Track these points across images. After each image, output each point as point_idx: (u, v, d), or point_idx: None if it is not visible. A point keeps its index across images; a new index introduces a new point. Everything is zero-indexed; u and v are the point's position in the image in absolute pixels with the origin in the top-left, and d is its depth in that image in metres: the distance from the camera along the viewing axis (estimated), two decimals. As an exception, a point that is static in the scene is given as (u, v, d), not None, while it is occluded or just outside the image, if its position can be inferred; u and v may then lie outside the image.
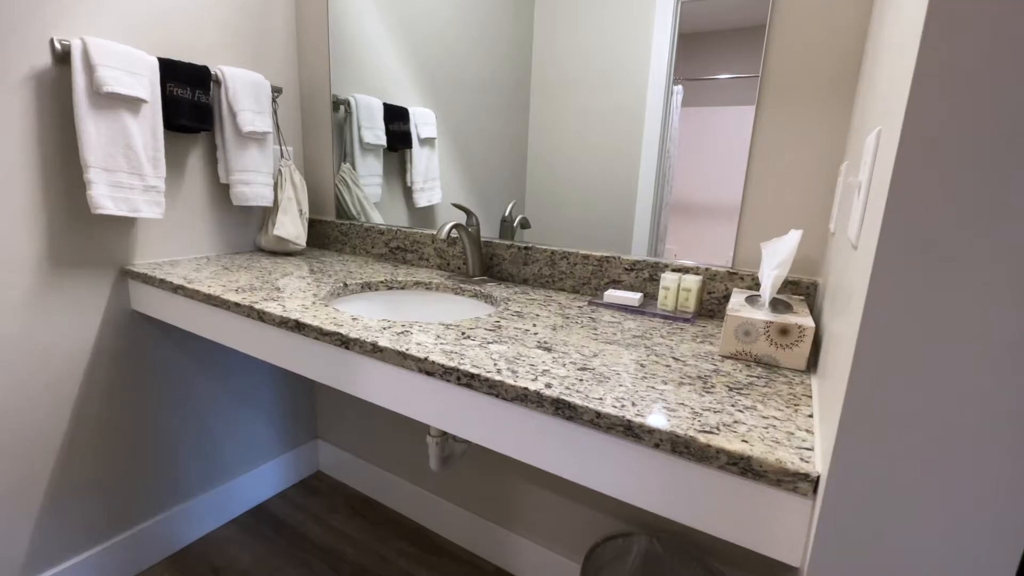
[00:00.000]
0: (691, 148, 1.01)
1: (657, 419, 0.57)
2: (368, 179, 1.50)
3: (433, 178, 1.38)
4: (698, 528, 0.56)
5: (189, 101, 1.21)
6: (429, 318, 1.19)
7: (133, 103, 1.10)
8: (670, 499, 0.57)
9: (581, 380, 0.66)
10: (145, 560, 1.36)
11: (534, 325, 0.89)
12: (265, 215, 1.48)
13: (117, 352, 1.24)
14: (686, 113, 1.00)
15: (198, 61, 1.29)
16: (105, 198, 1.08)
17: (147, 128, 1.14)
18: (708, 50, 0.96)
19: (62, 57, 1.06)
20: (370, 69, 1.41)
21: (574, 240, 1.17)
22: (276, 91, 1.42)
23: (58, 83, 1.06)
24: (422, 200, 1.42)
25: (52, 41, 1.04)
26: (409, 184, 1.42)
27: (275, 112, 1.43)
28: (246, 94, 1.30)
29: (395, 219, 1.46)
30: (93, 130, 1.06)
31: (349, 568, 1.42)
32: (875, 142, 0.49)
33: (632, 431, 0.57)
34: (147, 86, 1.12)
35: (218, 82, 1.28)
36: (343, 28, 1.44)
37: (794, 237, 0.82)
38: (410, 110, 1.38)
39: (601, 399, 0.61)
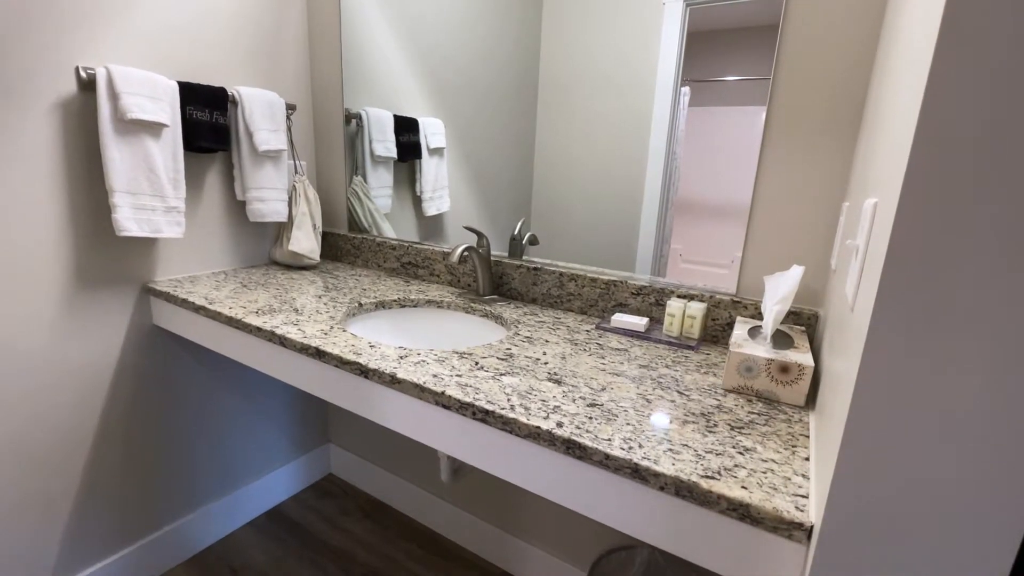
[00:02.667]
0: (697, 148, 1.02)
1: (662, 463, 0.60)
2: (379, 191, 1.53)
3: (442, 187, 1.41)
4: (699, 564, 0.60)
5: (208, 123, 1.24)
6: (442, 338, 1.23)
7: (155, 128, 1.14)
8: (673, 536, 0.61)
9: (590, 418, 0.70)
10: (167, 562, 1.41)
11: (544, 353, 0.93)
12: (280, 229, 1.52)
13: (139, 365, 1.28)
14: (693, 113, 1.01)
15: (215, 81, 1.31)
16: (129, 221, 1.12)
17: (168, 151, 1.17)
18: (716, 49, 0.97)
19: (87, 84, 1.09)
20: (381, 81, 1.44)
21: (580, 241, 1.20)
22: (290, 108, 1.44)
23: (83, 109, 1.09)
24: (431, 209, 1.45)
25: (78, 69, 1.07)
26: (418, 193, 1.45)
27: (289, 129, 1.46)
28: (262, 113, 1.33)
29: (404, 229, 1.49)
30: (117, 156, 1.09)
31: (361, 570, 1.47)
32: (872, 212, 0.52)
33: (639, 473, 0.60)
34: (168, 111, 1.15)
35: (235, 102, 1.31)
36: (354, 42, 1.46)
37: (796, 273, 0.85)
38: (420, 120, 1.40)
39: (610, 440, 0.64)
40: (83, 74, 1.06)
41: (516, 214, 1.28)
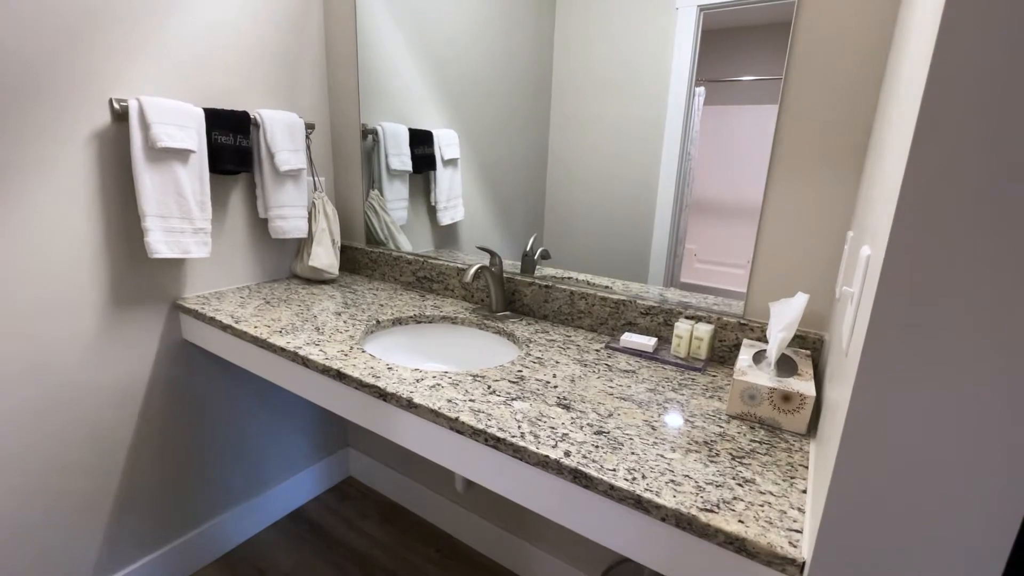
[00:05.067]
0: (712, 147, 1.02)
1: (664, 495, 0.64)
2: (395, 203, 1.57)
3: (456, 196, 1.45)
4: (699, 590, 0.63)
5: (232, 147, 1.30)
6: (456, 355, 1.27)
7: (183, 154, 1.19)
8: (674, 564, 0.64)
9: (597, 447, 0.73)
10: (198, 562, 1.49)
11: (554, 376, 0.96)
12: (301, 244, 1.57)
13: (170, 377, 1.35)
14: (707, 112, 1.02)
15: (238, 104, 1.37)
16: (160, 243, 1.18)
17: (195, 175, 1.23)
18: (731, 48, 0.96)
19: (120, 115, 1.15)
20: (397, 96, 1.48)
21: (594, 243, 1.21)
22: (309, 127, 1.49)
23: (116, 138, 1.15)
24: (446, 218, 1.49)
25: (111, 101, 1.13)
26: (433, 203, 1.49)
27: (308, 148, 1.51)
28: (283, 135, 1.38)
29: (420, 239, 1.53)
30: (149, 182, 1.15)
31: (379, 572, 1.53)
32: (865, 264, 0.55)
33: (641, 504, 0.64)
34: (195, 137, 1.20)
35: (257, 125, 1.36)
36: (371, 60, 1.50)
37: (801, 301, 0.87)
38: (434, 133, 1.44)
39: (614, 470, 0.68)
40: (116, 106, 1.12)
41: (530, 218, 1.31)
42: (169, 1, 1.18)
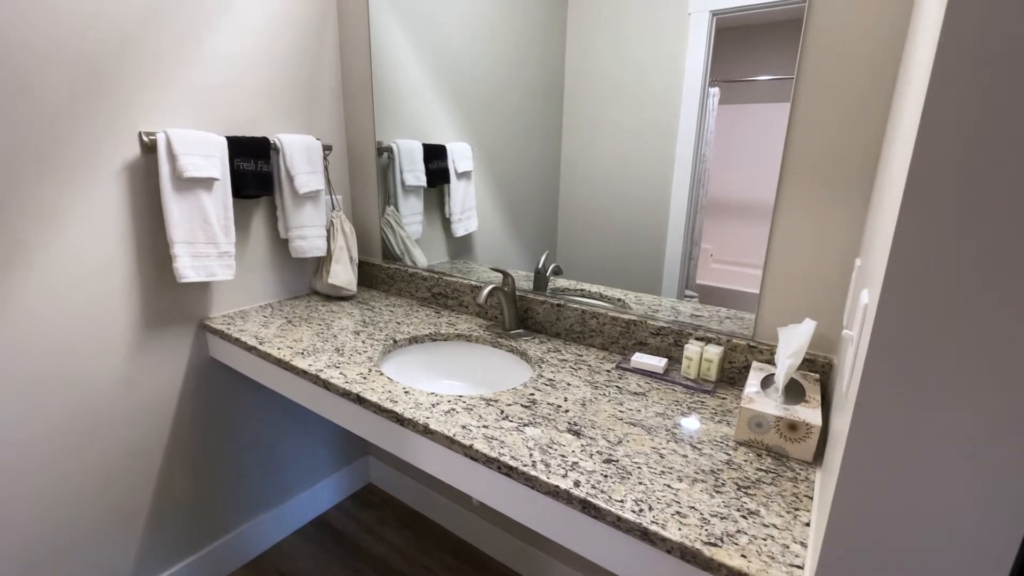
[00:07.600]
0: (727, 146, 1.02)
1: (669, 527, 0.66)
2: (410, 218, 1.61)
3: (470, 208, 1.48)
4: (704, 619, 0.65)
5: (253, 172, 1.35)
6: (471, 374, 1.30)
7: (208, 182, 1.24)
8: (680, 593, 0.67)
9: (606, 476, 0.76)
10: (227, 567, 1.56)
11: (565, 399, 0.99)
12: (320, 262, 1.62)
13: (198, 393, 1.41)
14: (722, 111, 1.01)
15: (258, 130, 1.41)
16: (188, 268, 1.23)
17: (219, 202, 1.28)
18: (745, 47, 0.96)
19: (149, 147, 1.20)
20: (410, 112, 1.51)
21: (607, 248, 1.22)
22: (327, 149, 1.53)
23: (145, 169, 1.21)
24: (460, 230, 1.52)
25: (140, 135, 1.18)
26: (448, 216, 1.52)
27: (326, 168, 1.56)
28: (301, 158, 1.43)
29: (435, 251, 1.57)
30: (176, 210, 1.20)
31: (400, 579, 1.59)
32: (863, 311, 0.56)
33: (647, 536, 0.66)
34: (219, 165, 1.25)
35: (276, 149, 1.41)
36: (385, 78, 1.53)
37: (808, 328, 0.89)
38: (448, 147, 1.47)
39: (622, 502, 0.71)
40: (145, 139, 1.18)
41: (543, 224, 1.33)
42: (192, 35, 1.23)
